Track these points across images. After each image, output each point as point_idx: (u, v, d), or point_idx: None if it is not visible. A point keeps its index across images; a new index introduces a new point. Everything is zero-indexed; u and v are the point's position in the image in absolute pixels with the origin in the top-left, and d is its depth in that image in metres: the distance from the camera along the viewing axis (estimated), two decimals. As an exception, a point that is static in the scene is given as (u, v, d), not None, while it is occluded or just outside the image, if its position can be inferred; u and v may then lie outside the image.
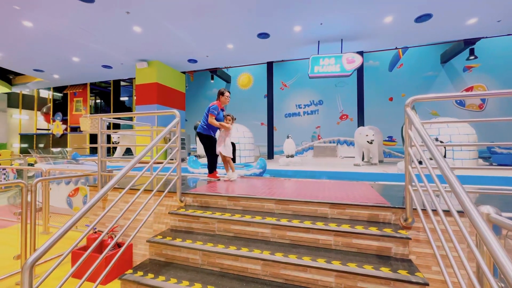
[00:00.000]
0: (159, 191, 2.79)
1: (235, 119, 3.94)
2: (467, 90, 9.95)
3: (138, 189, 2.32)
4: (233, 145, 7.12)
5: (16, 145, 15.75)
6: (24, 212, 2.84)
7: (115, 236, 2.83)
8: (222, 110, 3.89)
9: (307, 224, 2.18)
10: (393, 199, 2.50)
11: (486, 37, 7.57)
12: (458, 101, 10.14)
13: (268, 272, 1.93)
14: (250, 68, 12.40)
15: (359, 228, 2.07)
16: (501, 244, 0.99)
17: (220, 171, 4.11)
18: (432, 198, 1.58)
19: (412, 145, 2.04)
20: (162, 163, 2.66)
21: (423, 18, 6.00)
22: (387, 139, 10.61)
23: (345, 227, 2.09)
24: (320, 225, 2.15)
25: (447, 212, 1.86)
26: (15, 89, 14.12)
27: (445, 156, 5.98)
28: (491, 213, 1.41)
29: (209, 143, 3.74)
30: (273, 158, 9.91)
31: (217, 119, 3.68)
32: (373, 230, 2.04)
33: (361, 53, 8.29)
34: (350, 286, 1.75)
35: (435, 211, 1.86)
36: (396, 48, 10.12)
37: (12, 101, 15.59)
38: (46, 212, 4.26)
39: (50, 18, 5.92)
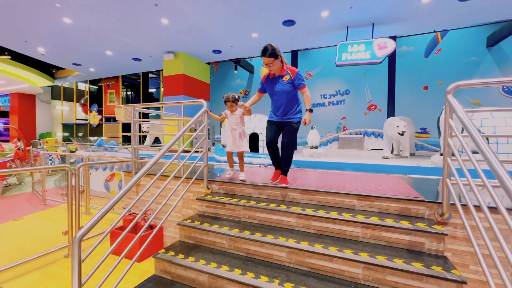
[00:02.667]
0: (187, 178, 2.91)
1: (236, 99, 2.89)
2: (518, 76, 8.87)
3: (168, 176, 2.44)
4: (256, 135, 7.15)
5: (59, 133, 17.31)
6: (70, 194, 3.15)
7: (148, 219, 3.04)
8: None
9: (334, 214, 2.14)
10: (427, 193, 2.36)
11: (546, 15, 6.61)
12: (506, 89, 9.09)
13: (293, 260, 1.95)
14: (274, 58, 12.18)
15: (389, 221, 1.99)
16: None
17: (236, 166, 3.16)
18: (475, 193, 1.46)
19: (452, 136, 1.89)
20: (189, 151, 2.76)
21: (470, -5, 5.38)
22: (419, 131, 9.91)
23: (374, 220, 2.03)
24: (347, 216, 2.10)
25: (493, 209, 1.71)
26: (57, 83, 15.38)
27: (487, 150, 5.46)
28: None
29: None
30: (296, 149, 9.80)
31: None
32: (405, 224, 1.95)
33: (394, 38, 7.72)
34: (378, 279, 1.71)
35: (477, 207, 1.72)
36: (435, 32, 9.25)
37: (55, 93, 17.03)
38: (87, 194, 4.69)
39: (86, 14, 6.29)
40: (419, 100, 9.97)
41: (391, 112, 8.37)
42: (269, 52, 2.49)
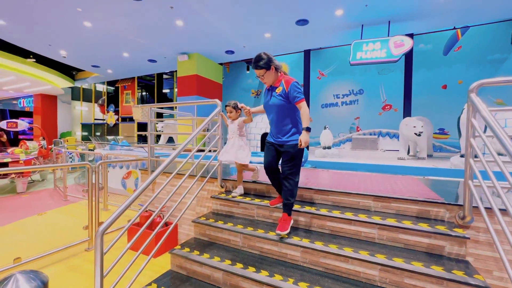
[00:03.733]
0: (202, 177, 2.96)
1: (238, 106, 2.72)
2: (546, 74, 8.36)
3: (183, 175, 2.50)
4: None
5: (78, 133, 18.06)
6: (90, 190, 3.28)
7: (163, 216, 3.12)
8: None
9: (349, 215, 2.11)
10: (447, 195, 2.28)
11: None
12: (532, 88, 8.59)
13: (308, 260, 1.95)
14: (286, 57, 12.13)
15: (407, 223, 1.94)
16: None
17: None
18: (502, 196, 1.40)
19: (475, 136, 1.82)
20: (203, 151, 2.81)
21: (492, -11, 5.15)
22: (438, 131, 9.55)
23: (391, 221, 1.98)
24: (363, 217, 2.07)
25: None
26: (77, 84, 16.07)
27: None
28: None
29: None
30: (308, 149, 9.72)
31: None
32: (424, 226, 1.90)
33: (411, 35, 7.50)
34: (396, 281, 1.67)
35: (503, 210, 1.64)
36: (455, 28, 8.90)
37: (75, 94, 17.80)
38: (105, 191, 4.86)
39: (105, 18, 6.54)
40: (438, 99, 9.60)
41: (407, 112, 8.13)
42: (259, 64, 2.19)
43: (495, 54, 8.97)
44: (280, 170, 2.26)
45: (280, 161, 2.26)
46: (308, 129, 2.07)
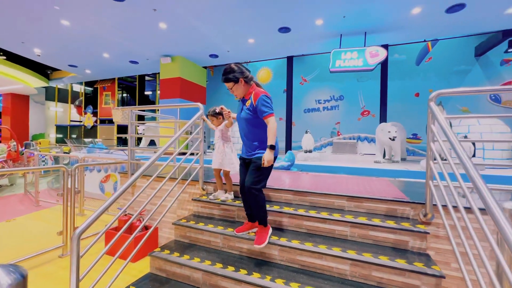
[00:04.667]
0: (183, 179, 2.97)
1: (217, 113, 2.69)
2: (504, 85, 9.21)
3: (163, 177, 2.51)
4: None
5: (52, 135, 17.12)
6: (65, 194, 3.17)
7: (143, 220, 3.08)
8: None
9: (324, 214, 2.24)
10: (412, 194, 2.47)
11: (528, 28, 6.95)
12: (493, 97, 9.43)
13: (285, 258, 2.03)
14: (269, 63, 12.37)
15: (376, 221, 2.10)
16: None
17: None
18: (454, 194, 1.58)
19: (434, 141, 2.02)
20: (185, 154, 2.83)
21: (456, 8, 5.63)
22: (411, 136, 10.16)
23: (362, 219, 2.13)
24: (336, 216, 2.20)
25: (469, 209, 1.83)
26: (52, 84, 15.28)
27: (474, 156, 5.67)
28: (514, 209, 1.39)
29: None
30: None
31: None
32: (391, 223, 2.06)
33: (386, 46, 7.97)
34: (364, 275, 1.80)
35: (456, 207, 1.83)
36: (425, 41, 9.58)
37: (49, 94, 16.90)
38: (81, 196, 4.69)
39: (85, 17, 6.35)
40: (411, 106, 10.25)
41: (383, 118, 8.58)
42: (228, 76, 2.07)
43: (461, 66, 9.76)
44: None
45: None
46: (272, 147, 1.92)
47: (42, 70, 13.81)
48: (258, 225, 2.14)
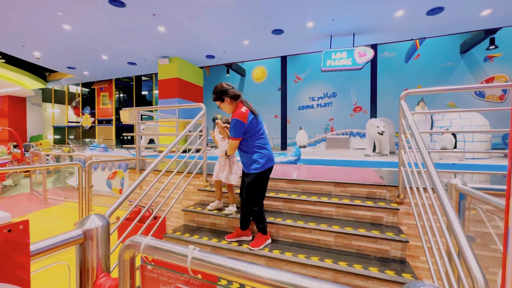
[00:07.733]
0: (188, 173, 3.31)
1: (214, 119, 2.77)
2: (487, 81, 9.70)
3: (170, 172, 2.84)
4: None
5: (50, 136, 17.21)
6: (81, 188, 3.49)
7: (152, 211, 3.41)
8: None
9: (314, 198, 2.61)
10: (390, 180, 2.86)
11: (506, 27, 7.40)
12: (477, 92, 9.92)
13: (281, 234, 2.40)
14: (264, 62, 12.70)
15: (357, 202, 2.47)
16: (453, 207, 1.36)
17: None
18: (416, 177, 1.95)
19: (404, 133, 2.39)
20: (186, 151, 3.17)
21: (435, 11, 6.03)
22: (400, 131, 10.63)
23: (345, 201, 2.50)
24: (324, 199, 2.57)
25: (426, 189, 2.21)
26: (50, 85, 15.36)
27: (455, 147, 6.10)
28: (458, 184, 1.78)
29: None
30: (286, 149, 10.30)
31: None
32: (369, 203, 2.44)
33: (374, 45, 8.37)
34: (346, 244, 2.18)
35: (418, 188, 2.21)
36: (412, 40, 10.00)
37: (46, 96, 16.97)
38: (90, 192, 4.98)
39: (87, 22, 6.59)
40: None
41: (374, 114, 9.00)
42: (215, 96, 2.27)
43: (447, 62, 10.23)
44: None
45: None
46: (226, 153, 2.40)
47: (39, 72, 13.91)
48: (258, 232, 2.31)
